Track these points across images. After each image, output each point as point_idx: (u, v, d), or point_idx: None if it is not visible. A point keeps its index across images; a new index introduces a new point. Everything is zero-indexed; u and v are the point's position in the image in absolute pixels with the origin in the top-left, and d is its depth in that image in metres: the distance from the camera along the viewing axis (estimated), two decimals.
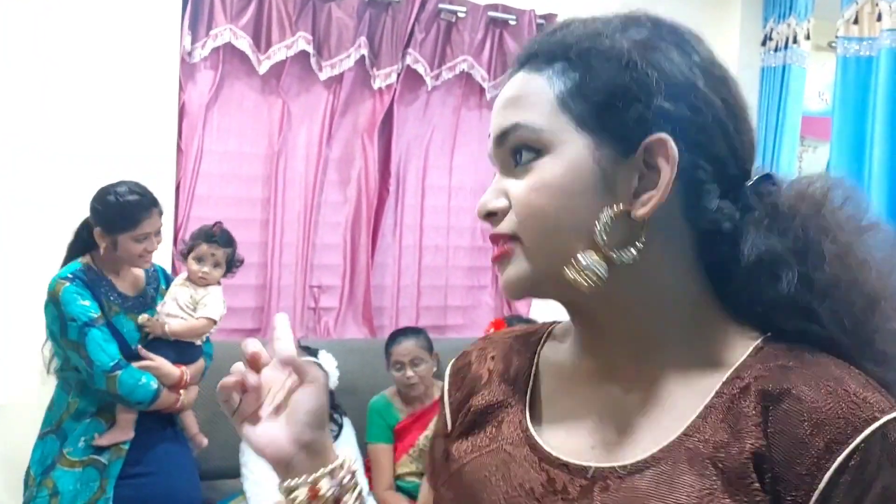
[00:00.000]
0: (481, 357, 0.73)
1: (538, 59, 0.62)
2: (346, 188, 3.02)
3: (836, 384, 0.54)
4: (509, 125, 0.61)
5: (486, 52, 3.06)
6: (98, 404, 2.02)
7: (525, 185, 0.60)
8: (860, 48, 3.02)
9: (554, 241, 0.59)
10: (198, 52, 2.67)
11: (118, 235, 2.00)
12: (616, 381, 0.63)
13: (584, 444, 0.62)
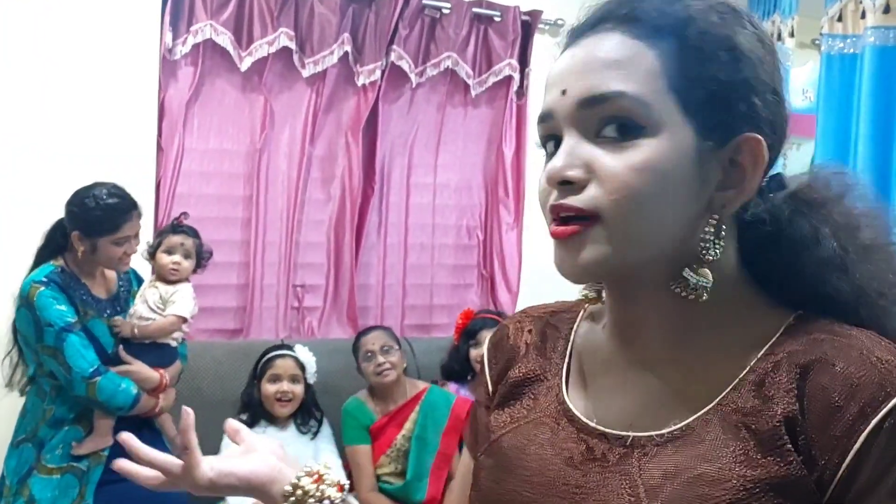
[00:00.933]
0: (518, 330, 0.74)
1: (643, 26, 0.58)
2: (330, 186, 2.99)
3: (867, 353, 0.56)
4: (612, 91, 0.57)
5: (471, 48, 3.03)
6: (75, 411, 1.99)
7: (625, 163, 0.56)
8: (844, 45, 3.02)
9: (643, 228, 0.58)
10: (178, 49, 2.63)
11: (98, 239, 1.96)
12: (652, 362, 0.63)
13: (621, 417, 0.62)
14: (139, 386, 2.00)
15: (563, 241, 0.59)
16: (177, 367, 2.16)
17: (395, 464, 2.40)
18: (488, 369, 0.75)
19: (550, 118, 0.61)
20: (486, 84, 3.08)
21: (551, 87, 0.61)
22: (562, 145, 0.59)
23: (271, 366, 2.32)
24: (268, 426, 2.32)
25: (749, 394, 0.58)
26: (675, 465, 0.57)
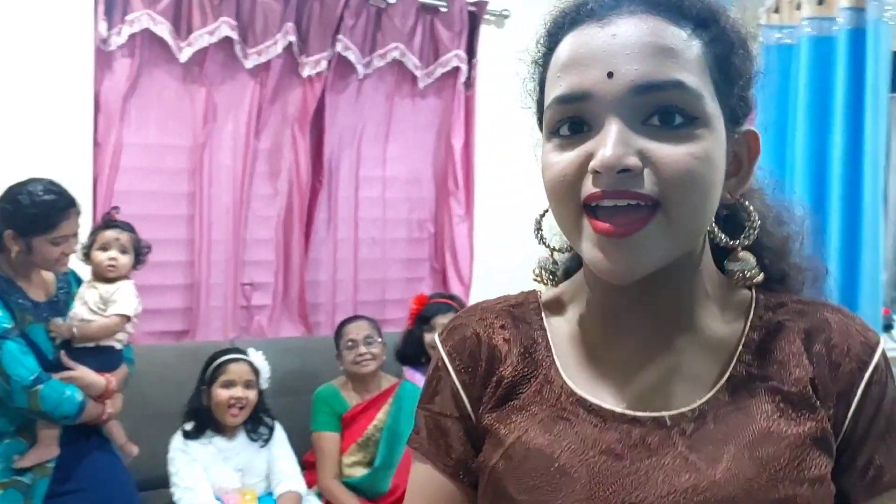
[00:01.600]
0: (489, 328, 0.69)
1: (686, 15, 0.58)
2: (277, 181, 2.91)
3: (846, 318, 0.65)
4: (668, 80, 0.55)
5: (418, 39, 2.99)
6: (16, 423, 1.88)
7: (685, 151, 0.55)
8: (782, 36, 3.11)
9: (699, 218, 0.58)
10: (113, 40, 2.51)
11: (33, 238, 1.86)
12: (652, 346, 0.64)
13: (640, 401, 0.62)
14: (84, 392, 1.91)
15: (618, 239, 0.56)
16: (123, 371, 2.07)
17: (363, 452, 2.37)
18: (456, 376, 0.68)
19: (584, 99, 0.57)
20: (433, 75, 3.05)
21: (586, 66, 0.57)
22: (610, 131, 0.56)
23: (224, 371, 2.22)
24: (214, 436, 2.22)
25: (756, 361, 0.63)
26: (723, 434, 0.59)
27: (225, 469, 2.19)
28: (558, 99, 0.59)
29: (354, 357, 2.42)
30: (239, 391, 2.20)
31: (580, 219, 0.58)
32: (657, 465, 0.58)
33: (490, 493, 0.64)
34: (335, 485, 2.29)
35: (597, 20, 0.58)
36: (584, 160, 0.57)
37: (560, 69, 0.59)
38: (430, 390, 0.70)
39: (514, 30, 3.18)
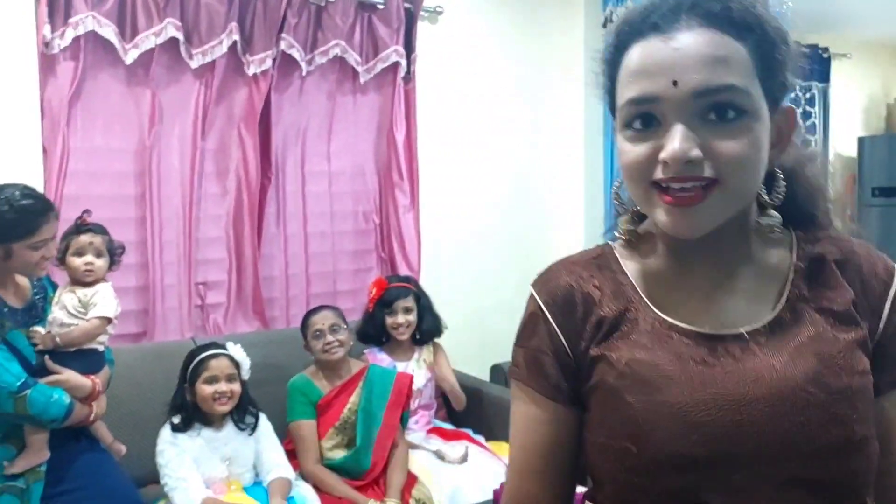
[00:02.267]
0: (580, 278, 0.82)
1: (729, 24, 0.70)
2: (225, 180, 2.94)
3: (867, 247, 0.81)
4: (722, 84, 0.68)
5: (358, 36, 3.08)
6: (3, 430, 1.87)
7: (738, 142, 0.69)
8: None
9: (751, 189, 0.74)
10: (56, 43, 2.48)
11: (13, 244, 1.85)
12: (720, 278, 0.78)
13: (715, 320, 0.76)
14: (71, 395, 1.92)
15: (685, 208, 0.70)
16: (106, 372, 2.08)
17: (341, 435, 2.45)
18: (553, 319, 0.80)
19: (653, 102, 0.70)
20: (374, 71, 3.15)
21: (654, 76, 0.70)
22: (676, 130, 0.69)
23: (206, 367, 2.24)
24: (203, 428, 2.25)
25: (806, 287, 0.78)
26: (790, 342, 0.74)
27: (213, 459, 2.22)
28: (632, 101, 0.72)
29: (322, 346, 2.50)
30: (223, 385, 2.23)
31: (651, 193, 0.72)
32: (742, 369, 0.73)
33: (606, 404, 0.76)
34: (319, 468, 2.36)
35: (661, 33, 0.71)
36: (654, 151, 0.70)
37: (631, 75, 0.72)
38: (527, 332, 0.82)
39: (448, 26, 3.33)
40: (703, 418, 0.70)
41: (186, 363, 2.30)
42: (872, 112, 5.56)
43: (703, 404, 0.71)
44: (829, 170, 0.89)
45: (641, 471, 0.72)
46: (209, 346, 2.34)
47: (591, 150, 3.73)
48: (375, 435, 2.40)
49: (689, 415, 0.71)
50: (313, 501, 2.27)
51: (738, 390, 0.72)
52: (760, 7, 0.72)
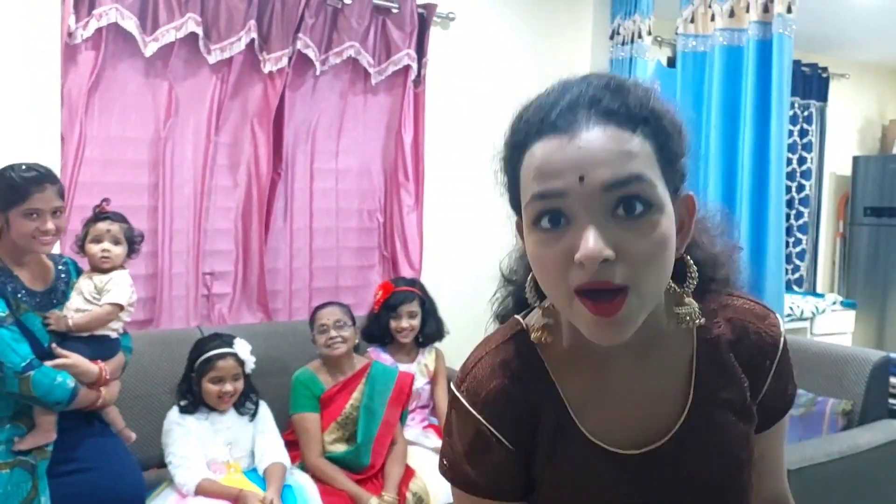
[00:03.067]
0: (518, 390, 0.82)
1: (628, 119, 0.70)
2: (237, 173, 3.00)
3: (758, 324, 0.85)
4: (630, 175, 0.68)
5: (371, 38, 3.15)
6: (13, 409, 1.93)
7: (648, 241, 0.68)
8: (696, 44, 3.46)
9: (661, 285, 0.73)
10: (79, 33, 2.54)
11: (9, 213, 1.90)
12: (627, 373, 0.81)
13: (634, 435, 0.80)
14: (78, 379, 1.96)
15: (606, 318, 0.69)
16: (119, 359, 2.12)
17: (342, 430, 2.52)
18: (506, 437, 0.81)
19: (561, 197, 0.69)
20: (385, 73, 3.22)
21: (560, 172, 0.69)
22: (588, 229, 0.68)
23: (213, 367, 2.31)
24: (209, 413, 2.35)
25: (708, 378, 0.82)
26: (703, 448, 0.80)
27: (216, 441, 2.32)
28: (539, 195, 0.70)
29: (326, 340, 2.57)
30: (227, 386, 2.32)
31: (572, 299, 0.70)
32: (664, 485, 0.80)
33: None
34: (322, 461, 2.44)
35: (562, 133, 0.69)
36: (567, 253, 0.68)
37: (536, 171, 0.71)
38: (477, 451, 0.81)
39: (459, 32, 3.40)
40: None
41: (194, 355, 2.37)
42: (868, 132, 5.67)
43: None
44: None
45: None
46: (216, 339, 2.40)
47: None
48: (376, 432, 2.47)
49: None
50: (311, 490, 2.34)
51: (659, 499, 0.80)
52: (654, 101, 0.73)
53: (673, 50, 4.12)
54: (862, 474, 2.43)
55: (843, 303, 4.93)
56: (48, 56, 2.48)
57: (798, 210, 5.11)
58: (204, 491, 2.20)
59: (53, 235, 1.95)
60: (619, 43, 3.79)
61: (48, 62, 2.48)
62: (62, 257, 2.15)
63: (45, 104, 2.49)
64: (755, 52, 3.19)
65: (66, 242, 2.47)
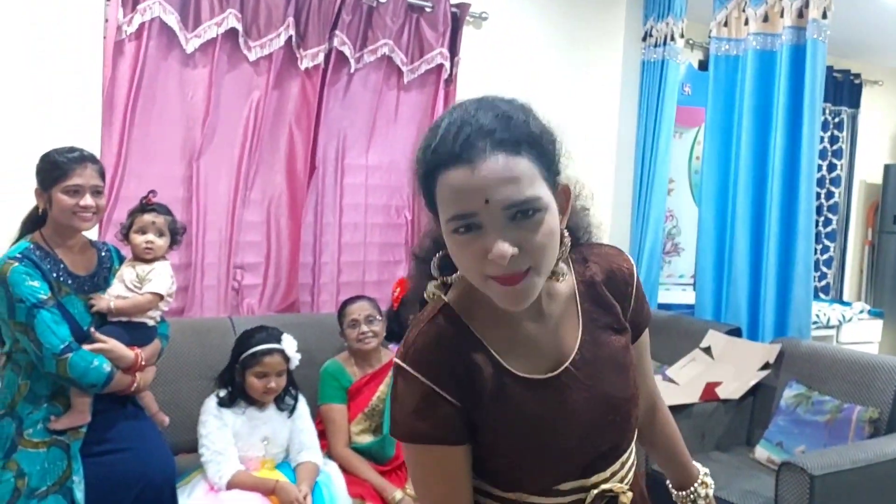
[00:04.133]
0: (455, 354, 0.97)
1: (514, 145, 0.88)
2: (272, 168, 3.05)
3: (619, 261, 1.10)
4: (523, 198, 0.87)
5: (405, 37, 3.19)
6: (50, 388, 1.99)
7: (540, 234, 0.88)
8: (729, 48, 3.46)
9: (553, 261, 0.93)
10: (124, 28, 2.60)
11: (51, 190, 1.96)
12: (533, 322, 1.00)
13: (547, 362, 1.00)
14: (114, 364, 2.01)
15: (512, 287, 0.89)
16: (154, 346, 2.17)
17: (369, 421, 2.57)
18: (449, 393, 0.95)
19: (472, 216, 0.87)
20: (418, 71, 3.25)
21: (469, 198, 0.87)
22: (495, 237, 0.87)
23: (259, 362, 2.31)
24: (248, 407, 2.35)
25: (590, 307, 1.05)
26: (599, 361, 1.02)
27: (253, 438, 2.32)
28: (455, 216, 0.88)
29: (357, 335, 2.60)
30: (272, 382, 2.32)
31: (487, 280, 0.90)
32: (579, 394, 1.00)
33: (500, 449, 0.98)
34: (349, 452, 2.48)
35: (465, 163, 0.87)
36: (482, 251, 0.88)
37: (449, 195, 0.88)
38: (425, 407, 0.95)
39: (492, 32, 3.43)
40: (571, 443, 0.99)
41: (240, 347, 2.38)
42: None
43: (570, 436, 0.99)
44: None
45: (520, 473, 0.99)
46: (263, 332, 2.40)
47: (622, 159, 3.83)
48: None
49: (563, 448, 0.99)
50: (338, 482, 2.38)
51: (583, 410, 1.00)
52: (533, 123, 0.91)
53: (705, 53, 4.13)
54: (889, 482, 2.43)
55: (870, 311, 4.89)
56: (91, 50, 2.54)
57: (826, 217, 5.07)
58: (240, 483, 2.21)
59: (94, 214, 2.01)
60: (651, 45, 3.79)
61: (91, 56, 2.55)
62: (105, 244, 2.21)
63: (87, 97, 2.55)
64: (788, 57, 3.18)
65: (109, 231, 2.54)
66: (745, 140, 3.35)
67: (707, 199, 3.56)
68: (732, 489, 2.58)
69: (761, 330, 3.34)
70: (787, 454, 2.69)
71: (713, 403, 3.02)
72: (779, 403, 2.91)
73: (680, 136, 4.22)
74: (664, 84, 3.71)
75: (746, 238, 3.39)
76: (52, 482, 1.93)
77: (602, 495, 1.03)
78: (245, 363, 2.33)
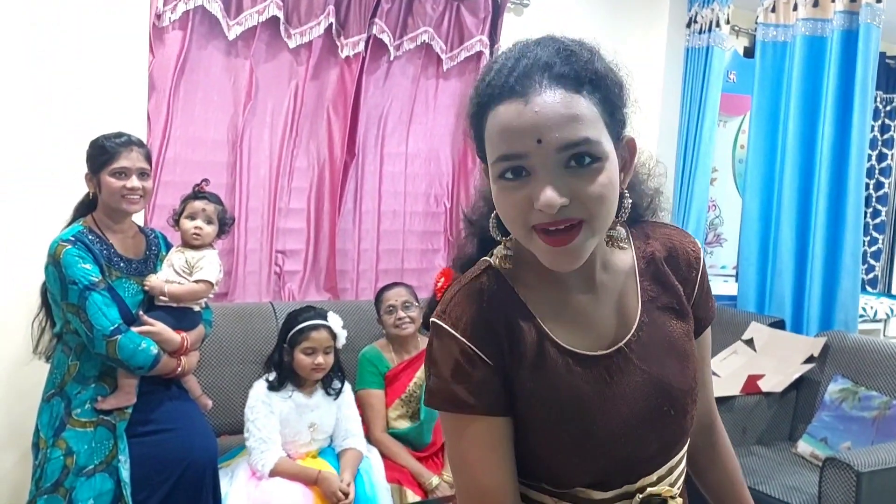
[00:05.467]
0: (494, 312, 0.90)
1: (576, 82, 0.80)
2: (311, 155, 3.08)
3: (684, 241, 1.01)
4: (579, 139, 0.79)
5: (445, 24, 3.17)
6: (99, 369, 2.03)
7: (596, 185, 0.80)
8: (777, 34, 3.37)
9: (609, 219, 0.84)
10: (167, 16, 2.64)
11: (100, 174, 2.02)
12: (585, 294, 0.93)
13: (601, 339, 0.92)
14: (160, 347, 2.05)
15: (562, 247, 0.81)
16: (199, 331, 2.22)
17: (406, 407, 2.59)
18: (488, 355, 0.88)
19: (522, 157, 0.80)
20: (457, 59, 3.24)
21: (520, 136, 0.79)
22: (546, 182, 0.79)
23: (306, 338, 2.33)
24: (294, 390, 2.37)
25: (650, 286, 0.96)
26: (656, 345, 0.93)
27: (300, 424, 2.34)
28: (503, 157, 0.80)
29: (394, 321, 2.62)
30: (320, 358, 2.33)
31: (532, 235, 0.82)
32: (629, 378, 0.90)
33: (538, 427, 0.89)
34: (386, 437, 2.50)
35: (519, 97, 0.79)
36: (528, 200, 0.80)
37: (498, 133, 0.81)
38: (464, 370, 0.88)
39: (533, 19, 3.39)
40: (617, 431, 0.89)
41: (287, 325, 2.40)
42: None
43: (617, 424, 0.89)
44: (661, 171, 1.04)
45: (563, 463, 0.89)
46: (310, 311, 2.42)
47: (664, 147, 3.76)
48: None
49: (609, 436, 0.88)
50: (378, 469, 2.40)
51: (633, 398, 0.90)
52: (598, 62, 0.83)
53: (751, 40, 4.03)
54: None
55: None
56: (136, 37, 2.58)
57: (875, 208, 4.93)
58: (282, 471, 2.23)
59: (141, 196, 2.06)
60: (696, 31, 3.71)
61: (136, 43, 2.58)
62: (153, 231, 2.26)
63: (133, 84, 2.59)
64: (839, 43, 3.09)
65: (158, 217, 2.59)
66: (792, 129, 3.27)
67: (752, 189, 3.49)
68: (774, 484, 2.53)
69: (806, 323, 3.27)
70: (832, 450, 2.64)
71: (755, 397, 2.97)
72: (823, 398, 2.85)
73: (724, 124, 4.13)
74: (709, 71, 3.63)
75: (792, 229, 3.32)
76: (98, 461, 1.98)
77: (649, 501, 0.91)
78: (293, 340, 2.35)
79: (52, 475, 1.97)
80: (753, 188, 3.48)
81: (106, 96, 2.53)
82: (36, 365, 2.14)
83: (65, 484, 1.96)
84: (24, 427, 2.14)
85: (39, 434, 2.03)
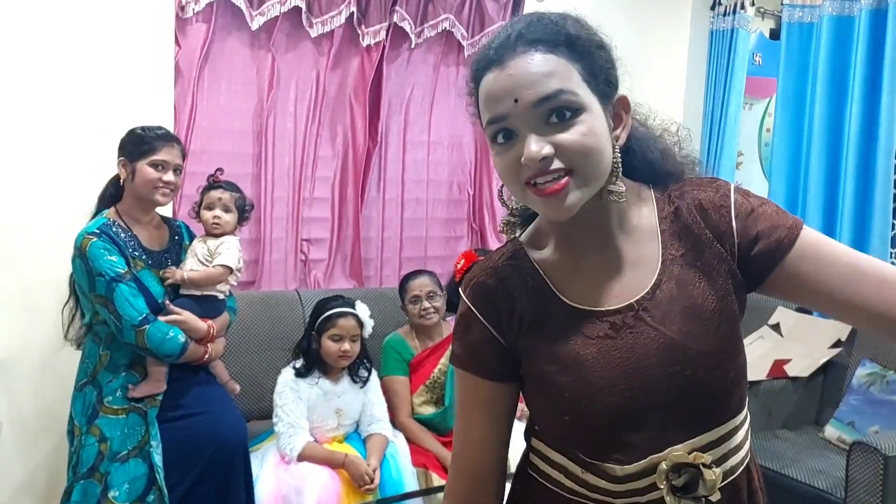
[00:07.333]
0: (500, 280, 0.96)
1: (550, 45, 0.84)
2: (334, 144, 3.10)
3: (705, 186, 0.95)
4: (552, 91, 0.82)
5: (466, 11, 3.17)
6: (129, 357, 2.08)
7: (577, 133, 0.83)
8: (803, 14, 3.32)
9: (601, 168, 0.86)
10: (191, 7, 2.67)
11: (137, 162, 2.06)
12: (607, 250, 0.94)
13: (612, 295, 0.92)
14: (188, 335, 2.09)
15: (552, 197, 0.84)
16: (224, 318, 2.26)
17: (430, 393, 2.61)
18: (483, 317, 0.95)
19: (505, 119, 0.84)
20: (479, 45, 3.22)
21: (500, 99, 0.84)
22: (528, 137, 0.83)
23: (333, 325, 2.37)
24: (321, 377, 2.41)
25: (677, 244, 0.93)
26: (673, 304, 0.90)
27: (326, 410, 2.38)
28: (489, 121, 0.86)
29: (419, 311, 2.64)
30: (346, 345, 2.37)
31: (526, 191, 0.86)
32: (638, 336, 0.89)
33: (539, 385, 0.94)
34: (412, 422, 2.53)
35: (499, 65, 0.84)
36: (517, 158, 0.84)
37: (484, 102, 0.86)
38: (462, 327, 0.98)
39: (554, 4, 3.36)
40: (618, 386, 0.88)
41: (315, 313, 2.44)
42: None
43: (616, 378, 0.88)
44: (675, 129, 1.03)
45: (574, 426, 0.91)
46: (339, 300, 2.46)
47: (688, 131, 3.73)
48: None
49: (605, 388, 0.88)
50: (404, 454, 2.43)
51: (639, 355, 0.89)
52: (570, 26, 0.86)
53: (776, 21, 3.97)
54: None
55: None
56: (163, 29, 2.61)
57: None
58: (310, 456, 2.27)
59: (172, 191, 2.11)
60: (720, 14, 3.67)
61: (163, 35, 2.62)
62: (176, 221, 2.30)
63: (159, 76, 2.63)
64: (867, 22, 3.04)
65: (186, 207, 2.63)
66: (819, 111, 3.22)
67: (778, 173, 3.45)
68: (800, 467, 2.52)
69: None
70: (860, 434, 2.62)
71: (781, 381, 2.95)
72: (850, 382, 2.82)
73: (750, 107, 4.09)
74: (734, 54, 3.59)
75: (819, 212, 3.28)
76: (131, 447, 2.03)
77: (678, 468, 0.87)
78: (321, 327, 2.39)
79: (88, 461, 2.02)
80: (780, 171, 3.44)
81: (134, 88, 2.56)
82: (68, 351, 2.19)
83: (100, 469, 2.01)
84: (60, 413, 2.20)
85: (73, 422, 2.08)
